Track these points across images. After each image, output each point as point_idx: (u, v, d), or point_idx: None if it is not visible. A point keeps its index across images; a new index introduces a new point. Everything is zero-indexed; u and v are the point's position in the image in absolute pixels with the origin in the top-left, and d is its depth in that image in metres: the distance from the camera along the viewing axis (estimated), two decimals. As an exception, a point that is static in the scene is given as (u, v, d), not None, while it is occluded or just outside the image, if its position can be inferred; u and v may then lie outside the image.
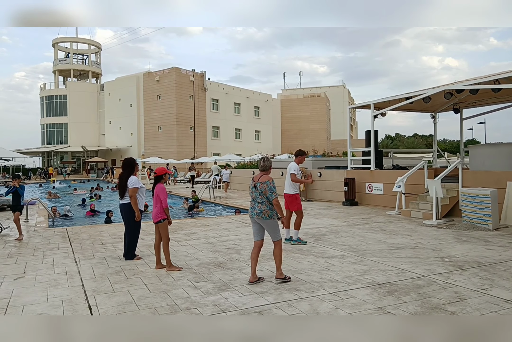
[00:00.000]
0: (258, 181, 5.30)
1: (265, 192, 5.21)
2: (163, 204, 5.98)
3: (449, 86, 12.03)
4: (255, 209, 5.30)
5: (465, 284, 5.07)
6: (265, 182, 5.24)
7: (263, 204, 5.24)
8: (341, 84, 71.98)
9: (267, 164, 5.40)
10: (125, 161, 6.75)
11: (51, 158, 57.15)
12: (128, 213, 6.56)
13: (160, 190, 6.02)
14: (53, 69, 59.12)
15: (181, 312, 4.24)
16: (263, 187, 5.22)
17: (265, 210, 5.22)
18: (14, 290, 5.06)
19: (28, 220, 11.37)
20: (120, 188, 6.56)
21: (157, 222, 6.02)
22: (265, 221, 5.26)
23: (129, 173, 6.60)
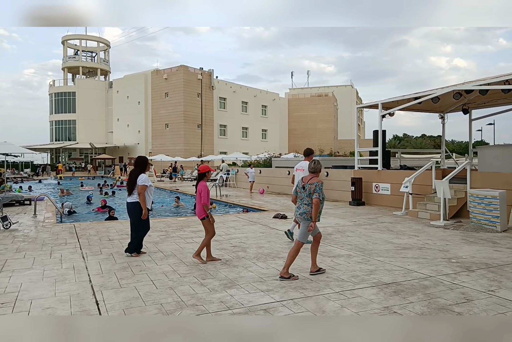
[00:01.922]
0: (308, 182, 5.40)
1: (313, 193, 5.31)
2: (203, 200, 6.10)
3: (458, 86, 11.95)
4: (300, 208, 5.45)
5: (472, 285, 5.04)
6: (314, 183, 5.34)
7: (309, 205, 5.35)
8: (349, 84, 71.77)
9: (317, 167, 5.52)
10: (138, 159, 6.88)
11: (59, 155, 57.55)
12: (135, 211, 6.61)
13: (202, 187, 6.15)
14: (62, 66, 59.49)
15: (187, 308, 4.26)
16: (312, 188, 5.32)
17: (309, 212, 5.34)
18: (22, 284, 5.11)
19: (37, 216, 11.47)
20: (129, 184, 6.64)
21: (202, 218, 6.19)
22: (305, 221, 5.37)
23: (140, 171, 6.69)
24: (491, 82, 10.83)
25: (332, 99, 63.13)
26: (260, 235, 8.55)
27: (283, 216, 10.97)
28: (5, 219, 9.23)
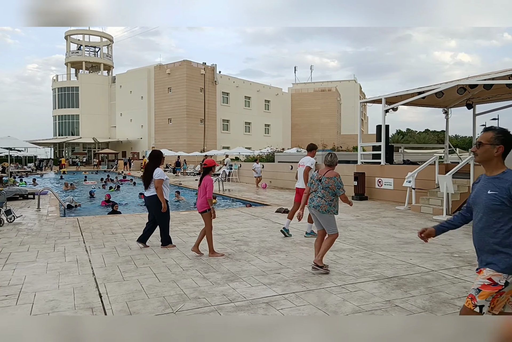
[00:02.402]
0: (324, 175, 5.36)
1: (332, 187, 5.29)
2: (208, 194, 6.10)
3: (462, 81, 11.89)
4: (313, 201, 5.42)
5: (474, 279, 5.03)
6: (332, 178, 5.31)
7: (322, 199, 5.33)
8: (353, 79, 71.47)
9: (334, 160, 5.49)
10: (153, 153, 6.96)
11: (63, 150, 57.71)
12: (155, 205, 6.73)
13: (207, 181, 6.17)
14: (65, 61, 59.51)
15: (190, 301, 4.28)
16: (330, 182, 5.29)
17: (323, 205, 5.32)
18: (26, 276, 5.15)
19: (40, 209, 11.53)
20: (146, 178, 6.73)
21: (202, 211, 6.20)
22: (322, 215, 5.36)
23: (156, 165, 6.77)
24: (496, 76, 10.77)
25: (336, 94, 62.92)
26: (263, 229, 8.57)
27: (286, 210, 10.98)
28: (9, 212, 9.28)
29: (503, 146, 2.60)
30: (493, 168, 2.67)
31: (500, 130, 2.66)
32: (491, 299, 2.59)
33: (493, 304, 2.61)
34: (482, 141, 2.65)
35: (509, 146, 2.64)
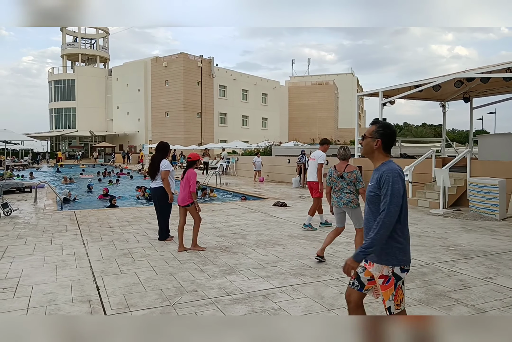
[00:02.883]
0: (345, 171, 5.37)
1: (355, 181, 5.31)
2: (192, 188, 6.08)
3: (459, 74, 11.87)
4: (342, 198, 5.40)
5: (470, 272, 5.08)
6: (353, 171, 5.33)
7: (351, 194, 5.35)
8: (350, 72, 71.24)
9: (347, 153, 5.51)
10: (160, 145, 6.96)
11: (59, 143, 57.46)
12: (160, 196, 6.75)
13: (191, 174, 6.15)
14: (61, 54, 59.02)
15: (187, 294, 4.29)
16: (352, 176, 5.32)
17: (353, 199, 5.35)
18: (23, 270, 5.15)
19: (37, 203, 11.50)
20: (152, 170, 6.75)
21: (185, 205, 6.16)
22: (353, 209, 5.37)
23: (162, 156, 6.78)
24: (493, 70, 10.75)
25: (333, 87, 62.75)
26: (260, 222, 8.58)
27: (283, 204, 11.00)
28: (5, 206, 9.26)
29: (381, 140, 2.66)
30: (375, 161, 2.72)
31: (381, 124, 2.72)
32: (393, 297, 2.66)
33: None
34: (365, 134, 2.74)
35: (388, 140, 2.68)
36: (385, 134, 2.68)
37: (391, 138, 2.69)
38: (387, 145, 2.68)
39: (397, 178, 2.56)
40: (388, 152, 2.71)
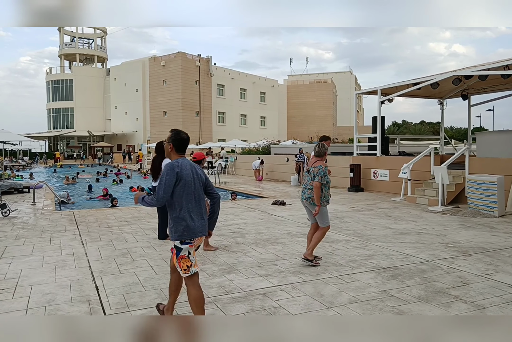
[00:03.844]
0: (312, 166, 5.36)
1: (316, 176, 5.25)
2: None
3: (458, 71, 11.87)
4: (304, 193, 5.40)
5: (469, 269, 5.08)
6: (318, 167, 5.28)
7: (312, 190, 5.28)
8: (348, 70, 71.21)
9: (321, 150, 5.44)
10: (159, 145, 6.94)
11: (58, 143, 57.35)
12: None
13: None
14: (59, 54, 58.87)
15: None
16: (315, 171, 5.26)
17: (313, 196, 5.27)
18: (22, 270, 5.14)
19: (35, 203, 11.48)
20: (154, 170, 6.75)
21: None
22: (313, 206, 5.32)
23: (163, 156, 6.76)
24: (491, 67, 10.76)
25: (331, 85, 62.72)
26: (259, 221, 8.58)
27: (282, 202, 11.00)
28: (4, 206, 9.24)
29: (172, 144, 3.39)
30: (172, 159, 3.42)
31: (174, 132, 3.44)
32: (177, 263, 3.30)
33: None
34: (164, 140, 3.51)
35: (178, 144, 3.39)
36: (175, 140, 3.40)
37: (180, 142, 3.40)
38: (178, 148, 3.40)
39: (168, 170, 3.25)
40: (180, 152, 3.43)
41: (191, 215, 3.31)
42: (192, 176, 3.36)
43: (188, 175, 3.31)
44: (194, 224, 3.29)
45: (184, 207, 3.29)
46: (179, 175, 3.25)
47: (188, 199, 3.32)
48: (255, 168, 20.15)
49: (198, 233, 3.31)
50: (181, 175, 3.26)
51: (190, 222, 3.28)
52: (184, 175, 3.28)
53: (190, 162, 3.43)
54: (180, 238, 3.25)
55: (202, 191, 3.52)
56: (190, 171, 3.36)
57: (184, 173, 3.28)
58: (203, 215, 3.42)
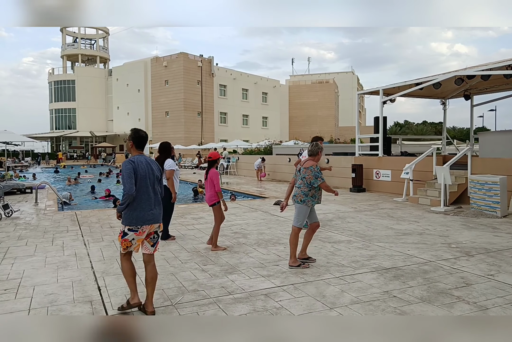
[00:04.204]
0: (303, 166, 5.35)
1: (309, 177, 5.20)
2: (216, 188, 6.13)
3: (460, 71, 11.85)
4: (295, 191, 5.39)
5: (471, 270, 5.07)
6: (309, 167, 5.22)
7: (299, 188, 5.30)
8: (350, 70, 71.15)
9: (314, 149, 5.39)
10: (162, 146, 6.96)
11: (60, 144, 57.48)
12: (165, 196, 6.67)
13: (213, 174, 6.20)
14: (61, 54, 59.02)
15: (189, 294, 4.29)
16: (306, 172, 5.22)
17: (298, 194, 5.28)
18: (25, 271, 5.15)
19: (38, 204, 11.51)
20: None
21: (212, 204, 6.20)
22: (296, 204, 5.33)
23: (166, 157, 6.80)
24: (493, 67, 10.73)
25: (333, 86, 62.68)
26: (261, 221, 8.58)
27: (284, 203, 10.99)
28: (6, 207, 9.26)
29: (132, 142, 3.85)
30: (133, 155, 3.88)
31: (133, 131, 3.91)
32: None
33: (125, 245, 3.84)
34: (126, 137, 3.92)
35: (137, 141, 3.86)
36: (135, 138, 3.85)
37: (139, 140, 3.86)
38: (137, 144, 3.86)
39: (126, 167, 3.70)
40: (139, 148, 3.89)
41: (143, 205, 3.75)
42: (146, 170, 3.78)
43: (143, 169, 3.75)
44: (144, 214, 3.74)
45: (137, 198, 3.72)
46: (135, 170, 3.70)
47: (142, 191, 3.74)
48: (256, 168, 20.16)
49: (146, 222, 3.77)
50: (137, 169, 3.71)
51: (140, 212, 3.73)
52: (139, 169, 3.73)
53: (146, 158, 3.84)
54: (128, 225, 3.74)
55: (157, 184, 3.91)
56: (145, 166, 3.78)
57: (139, 168, 3.73)
58: (155, 206, 3.85)
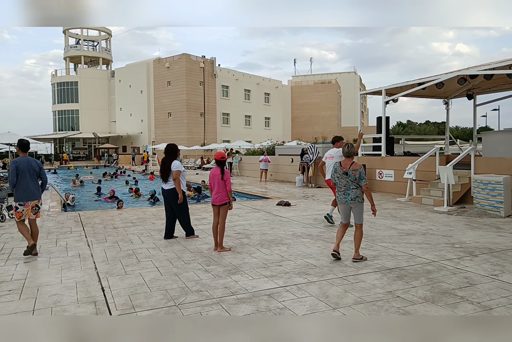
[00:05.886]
0: (350, 168, 5.51)
1: (359, 178, 5.46)
2: (228, 187, 6.16)
3: (463, 71, 11.82)
4: (349, 194, 5.54)
5: (475, 270, 5.06)
6: (358, 169, 5.48)
7: (357, 189, 5.51)
8: (352, 71, 71.10)
9: (351, 150, 5.61)
10: (168, 147, 7.01)
11: (63, 145, 57.63)
12: (174, 197, 6.81)
13: (228, 174, 6.25)
14: (64, 56, 59.17)
15: (192, 294, 4.30)
16: (356, 174, 5.46)
17: (360, 195, 5.52)
18: (29, 271, 5.17)
19: (42, 205, 11.51)
20: (164, 172, 6.81)
21: (223, 204, 6.21)
22: (359, 204, 5.54)
23: (172, 158, 6.83)
24: (496, 67, 10.70)
25: (335, 86, 62.64)
26: (264, 222, 8.58)
27: (287, 203, 11.00)
28: (10, 208, 9.28)
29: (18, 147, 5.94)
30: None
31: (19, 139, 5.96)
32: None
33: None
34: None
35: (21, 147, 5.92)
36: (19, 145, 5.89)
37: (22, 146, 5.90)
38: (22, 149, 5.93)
39: (11, 166, 5.74)
40: (23, 151, 5.92)
41: (25, 188, 5.80)
42: (27, 167, 5.78)
43: (24, 167, 5.76)
44: (27, 194, 5.83)
45: (21, 185, 5.78)
46: (17, 167, 5.72)
47: (25, 181, 5.79)
48: (262, 162, 20.03)
49: (29, 198, 5.88)
50: (19, 167, 5.73)
51: (24, 192, 5.82)
52: (21, 167, 5.74)
53: (28, 159, 5.83)
54: (18, 201, 5.83)
55: (35, 176, 5.91)
56: (26, 164, 5.78)
57: (21, 166, 5.74)
58: (34, 189, 5.90)
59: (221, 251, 6.11)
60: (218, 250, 6.14)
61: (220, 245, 6.20)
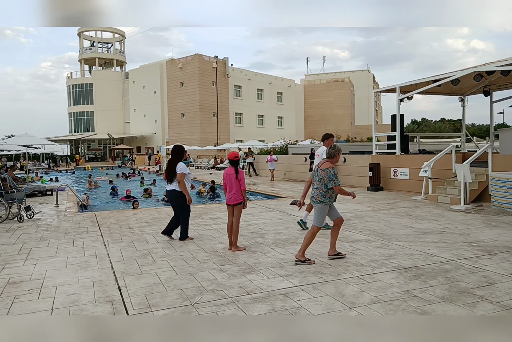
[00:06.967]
0: (320, 167, 5.48)
1: (324, 179, 5.36)
2: (242, 186, 6.18)
3: (479, 67, 11.63)
4: (313, 192, 5.54)
5: (494, 269, 4.97)
6: (325, 169, 5.37)
7: (317, 189, 5.45)
8: (366, 69, 70.57)
9: (331, 152, 5.50)
10: (175, 148, 7.03)
11: (79, 146, 58.39)
12: (175, 198, 6.83)
13: (241, 173, 6.28)
14: (79, 58, 59.94)
15: (207, 293, 4.31)
16: (323, 174, 5.38)
17: (317, 195, 5.44)
18: (47, 271, 5.24)
19: (58, 205, 11.70)
20: (169, 173, 6.83)
21: (237, 203, 6.21)
22: (315, 204, 5.48)
23: (178, 159, 6.86)
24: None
25: (349, 84, 62.24)
26: (278, 221, 8.57)
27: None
28: (28, 208, 9.44)
29: None
30: None
31: None
32: None
33: None
34: None
35: None
36: None
37: None
38: None
39: None
40: None
41: None
42: None
43: None
44: None
45: None
46: None
47: None
48: (270, 163, 20.08)
49: None
50: None
51: None
52: None
53: None
54: None
55: None
56: None
57: None
58: None
59: (235, 250, 6.11)
60: (232, 250, 6.14)
61: (234, 244, 6.20)
